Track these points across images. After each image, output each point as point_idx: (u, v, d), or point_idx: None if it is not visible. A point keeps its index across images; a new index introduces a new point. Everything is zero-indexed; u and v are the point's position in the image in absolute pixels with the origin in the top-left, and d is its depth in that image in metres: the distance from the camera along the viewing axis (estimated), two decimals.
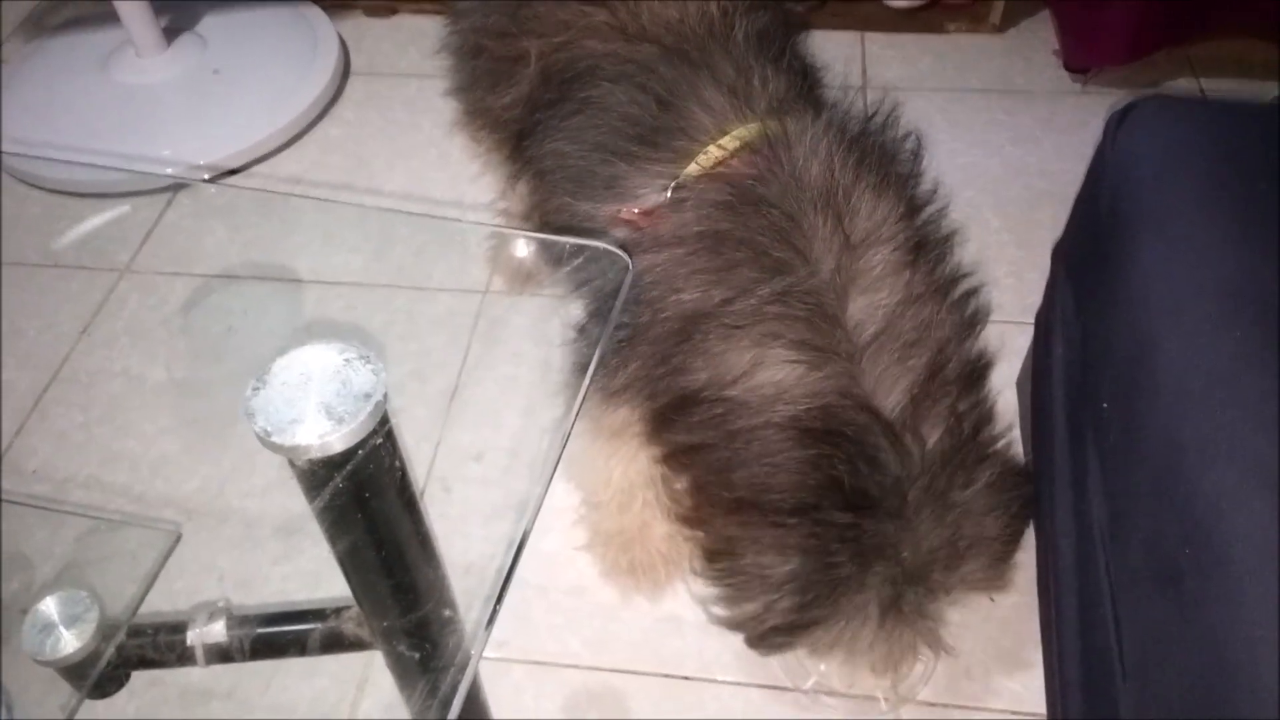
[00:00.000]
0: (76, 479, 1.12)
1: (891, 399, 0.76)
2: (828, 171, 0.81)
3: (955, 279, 0.84)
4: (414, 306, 1.23)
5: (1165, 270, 0.74)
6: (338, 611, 0.67)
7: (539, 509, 0.55)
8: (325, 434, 0.51)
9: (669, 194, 0.84)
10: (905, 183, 0.86)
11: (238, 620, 0.65)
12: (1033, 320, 1.08)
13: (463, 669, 0.52)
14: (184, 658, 0.64)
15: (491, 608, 0.52)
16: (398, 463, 0.53)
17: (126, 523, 0.82)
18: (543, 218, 0.96)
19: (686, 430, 0.81)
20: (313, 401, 0.52)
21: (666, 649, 1.00)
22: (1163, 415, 0.68)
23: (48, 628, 0.65)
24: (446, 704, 0.51)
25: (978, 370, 0.82)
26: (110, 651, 0.65)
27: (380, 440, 0.52)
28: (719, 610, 0.83)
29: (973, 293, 0.85)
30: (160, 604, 0.72)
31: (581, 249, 0.66)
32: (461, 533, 0.66)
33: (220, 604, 0.67)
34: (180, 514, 0.81)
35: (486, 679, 0.83)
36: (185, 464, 1.08)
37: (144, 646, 0.65)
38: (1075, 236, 0.94)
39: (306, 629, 0.66)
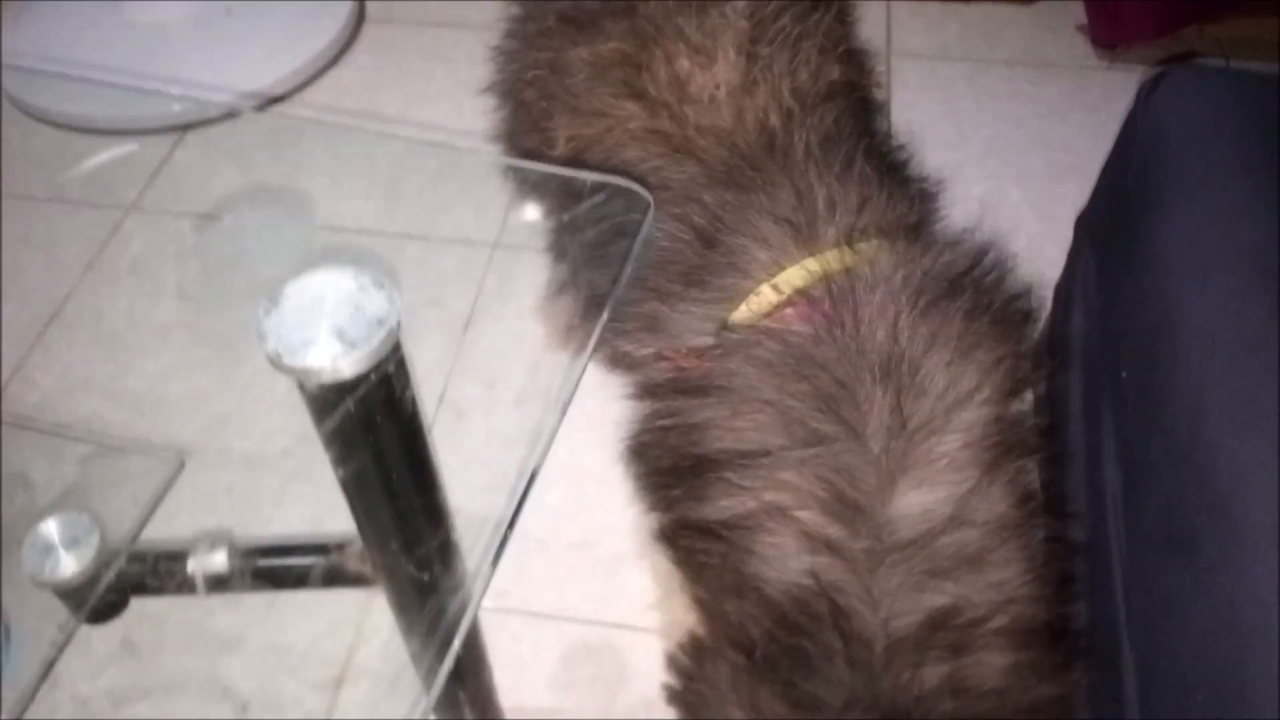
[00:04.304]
0: (78, 414, 1.11)
1: (890, 623, 0.63)
2: (893, 335, 0.68)
3: (1036, 511, 0.67)
4: (430, 233, 1.21)
5: (1193, 237, 0.73)
6: (340, 546, 0.66)
7: (551, 441, 0.54)
8: (337, 357, 0.50)
9: (714, 338, 0.75)
10: (1003, 359, 0.70)
11: (239, 551, 0.64)
12: (1049, 294, 1.06)
13: (467, 598, 0.51)
14: (184, 586, 0.64)
15: (500, 537, 0.51)
16: (408, 390, 0.52)
17: (129, 449, 0.81)
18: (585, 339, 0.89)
19: (677, 553, 0.74)
20: (325, 325, 0.51)
21: None
22: (1184, 383, 0.67)
23: (47, 549, 0.64)
24: (450, 632, 0.50)
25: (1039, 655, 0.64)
26: (109, 576, 0.64)
27: (392, 367, 0.51)
28: None
29: (1069, 551, 0.69)
30: (161, 534, 0.72)
31: (602, 185, 0.64)
32: (471, 461, 0.65)
33: (222, 534, 0.66)
34: (184, 448, 0.81)
35: (485, 628, 0.82)
36: (189, 401, 1.07)
37: (144, 573, 0.65)
38: (1101, 205, 0.93)
39: (308, 562, 0.66)
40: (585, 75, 0.85)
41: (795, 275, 0.73)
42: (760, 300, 0.73)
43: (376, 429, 0.52)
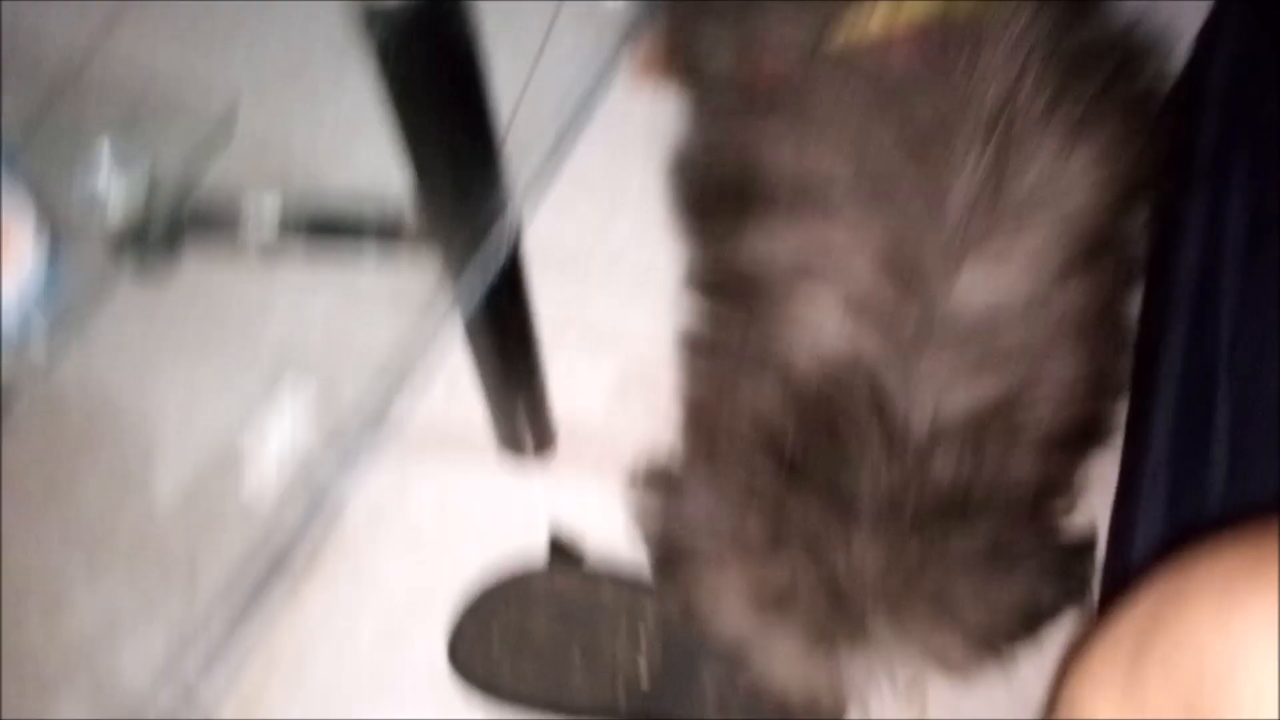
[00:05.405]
0: (147, 101, 1.07)
1: (935, 411, 0.58)
2: (1009, 94, 0.59)
3: (1113, 325, 0.64)
4: None
5: None
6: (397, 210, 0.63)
7: (607, 69, 0.48)
8: None
9: (803, 56, 0.66)
10: (1123, 154, 0.62)
11: (295, 198, 0.62)
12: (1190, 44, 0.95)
13: (512, 230, 0.47)
14: (237, 228, 0.62)
15: (547, 164, 0.46)
16: (468, 20, 0.47)
17: (182, 97, 0.77)
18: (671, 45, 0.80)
19: (699, 311, 0.69)
20: None
21: None
22: None
23: (96, 169, 0.62)
24: (491, 266, 0.46)
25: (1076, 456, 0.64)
26: (159, 220, 0.63)
27: None
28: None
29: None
30: (215, 182, 0.68)
31: None
32: (526, 95, 0.60)
33: (276, 184, 0.64)
34: (238, 100, 0.75)
35: (542, 340, 0.79)
36: (249, 55, 1.00)
37: (196, 214, 0.63)
38: None
39: (364, 214, 0.63)
40: None
41: (918, 4, 0.64)
42: (873, 19, 0.65)
43: (432, 65, 0.47)
